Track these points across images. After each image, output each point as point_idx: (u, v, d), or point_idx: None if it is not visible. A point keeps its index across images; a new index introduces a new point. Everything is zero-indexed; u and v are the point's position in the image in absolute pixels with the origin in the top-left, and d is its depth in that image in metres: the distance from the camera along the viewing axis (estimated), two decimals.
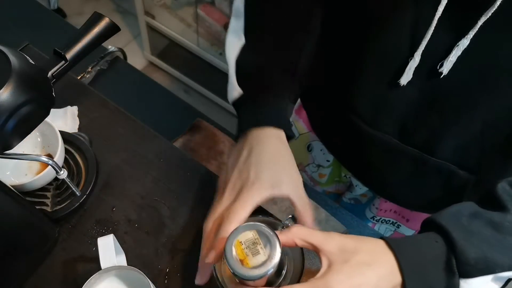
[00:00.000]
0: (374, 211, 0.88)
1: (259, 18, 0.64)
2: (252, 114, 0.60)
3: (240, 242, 0.47)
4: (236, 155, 0.58)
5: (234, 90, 0.62)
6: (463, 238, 0.46)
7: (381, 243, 0.48)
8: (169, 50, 1.97)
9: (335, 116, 0.71)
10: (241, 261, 0.46)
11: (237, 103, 0.62)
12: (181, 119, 1.00)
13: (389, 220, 0.88)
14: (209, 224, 0.55)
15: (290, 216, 0.57)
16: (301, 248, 0.54)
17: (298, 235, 0.49)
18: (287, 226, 0.56)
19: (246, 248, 0.47)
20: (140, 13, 1.82)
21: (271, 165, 0.55)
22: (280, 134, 0.59)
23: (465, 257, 0.45)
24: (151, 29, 1.88)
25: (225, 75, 0.64)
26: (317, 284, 0.45)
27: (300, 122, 0.91)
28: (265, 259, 0.46)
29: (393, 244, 0.47)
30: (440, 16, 0.49)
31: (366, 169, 0.74)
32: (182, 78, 1.99)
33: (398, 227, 0.88)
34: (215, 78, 1.83)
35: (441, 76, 0.53)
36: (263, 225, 0.48)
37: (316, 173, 0.92)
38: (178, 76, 2.00)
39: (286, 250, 0.55)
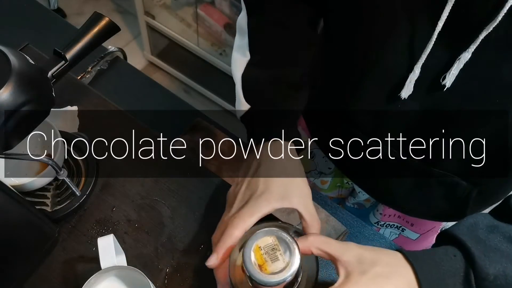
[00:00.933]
0: (378, 217, 0.88)
1: (263, 36, 0.64)
2: (261, 128, 0.61)
3: (259, 247, 0.47)
4: (246, 168, 0.58)
5: (242, 106, 0.62)
6: (482, 253, 0.46)
7: (399, 256, 0.48)
8: (169, 50, 1.98)
9: (336, 129, 0.70)
10: (260, 266, 0.46)
11: (245, 118, 0.63)
12: (181, 119, 0.99)
13: (394, 224, 0.88)
14: (217, 232, 0.55)
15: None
16: (316, 257, 0.54)
17: (315, 243, 0.49)
18: (299, 231, 0.56)
19: (265, 254, 0.46)
20: (140, 13, 1.82)
21: (281, 177, 0.55)
22: (290, 147, 0.59)
23: (485, 273, 0.45)
24: (151, 29, 1.88)
25: (225, 75, 0.64)
26: None
27: (300, 129, 0.90)
28: (284, 266, 0.46)
29: (411, 257, 0.47)
30: (440, 30, 0.48)
31: (369, 180, 0.74)
32: (182, 78, 1.99)
33: (403, 231, 0.88)
34: (215, 78, 1.83)
35: (444, 89, 0.52)
36: (283, 231, 0.47)
37: (318, 179, 0.92)
38: (178, 76, 2.00)
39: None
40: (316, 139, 0.82)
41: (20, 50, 0.80)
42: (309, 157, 0.90)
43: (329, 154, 0.81)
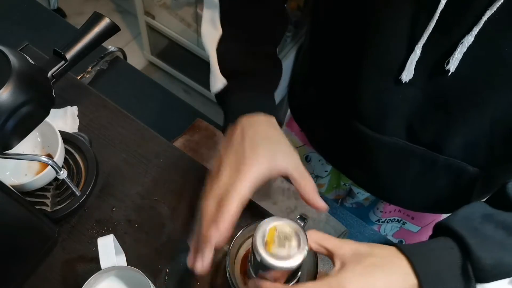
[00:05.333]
0: (379, 215, 0.88)
1: (235, 9, 0.63)
2: (240, 102, 0.59)
3: (276, 229, 0.48)
4: (228, 140, 0.57)
5: (218, 81, 0.62)
6: (478, 243, 0.46)
7: (394, 250, 0.49)
8: (169, 50, 1.98)
9: (338, 127, 0.70)
10: (266, 242, 0.48)
11: (222, 94, 0.61)
12: (181, 119, 1.00)
13: (394, 219, 0.88)
14: (209, 203, 0.52)
15: (299, 216, 0.57)
16: (315, 252, 0.55)
17: (313, 239, 0.49)
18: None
19: (277, 237, 0.48)
20: (140, 13, 1.82)
21: (266, 142, 0.55)
22: (271, 119, 0.59)
23: (482, 264, 0.45)
24: (151, 29, 1.88)
25: None
26: (330, 281, 0.46)
27: (292, 135, 0.90)
28: (285, 255, 0.47)
29: (407, 252, 0.47)
30: (442, 10, 0.47)
31: (372, 177, 0.74)
32: (182, 78, 1.99)
33: (404, 224, 0.88)
34: None
35: (449, 74, 0.52)
36: (303, 230, 0.49)
37: (316, 183, 0.91)
38: (178, 76, 2.00)
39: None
40: (315, 143, 0.82)
41: (20, 50, 0.80)
42: (305, 161, 0.90)
43: (328, 155, 0.81)
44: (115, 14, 2.20)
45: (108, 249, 0.55)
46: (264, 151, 0.54)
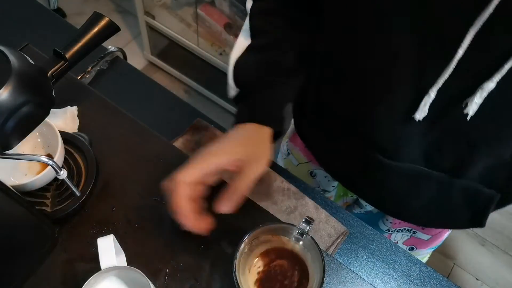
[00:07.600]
0: (389, 225, 0.87)
1: (261, 21, 0.64)
2: (244, 112, 0.61)
3: None
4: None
5: (231, 89, 0.64)
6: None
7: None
8: (169, 50, 1.98)
9: (351, 154, 0.69)
10: None
11: (235, 101, 0.65)
12: (181, 119, 0.99)
13: (405, 229, 0.87)
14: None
15: (304, 219, 0.57)
16: (323, 259, 0.55)
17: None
18: (303, 231, 0.57)
19: None
20: (140, 13, 1.82)
21: (242, 139, 0.57)
22: (262, 129, 0.59)
23: None
24: (151, 29, 1.88)
25: (225, 75, 0.65)
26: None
27: (297, 150, 0.90)
28: None
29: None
30: (459, 58, 0.45)
31: (382, 196, 0.72)
32: (182, 78, 1.99)
33: (414, 233, 0.87)
34: (215, 78, 1.83)
35: (468, 118, 0.50)
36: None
37: (323, 196, 0.91)
38: (178, 76, 2.00)
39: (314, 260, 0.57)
40: (324, 165, 0.80)
41: (20, 50, 0.80)
42: (311, 176, 0.90)
43: (336, 174, 0.79)
44: (115, 14, 2.20)
45: (108, 249, 0.55)
46: (234, 143, 0.57)
